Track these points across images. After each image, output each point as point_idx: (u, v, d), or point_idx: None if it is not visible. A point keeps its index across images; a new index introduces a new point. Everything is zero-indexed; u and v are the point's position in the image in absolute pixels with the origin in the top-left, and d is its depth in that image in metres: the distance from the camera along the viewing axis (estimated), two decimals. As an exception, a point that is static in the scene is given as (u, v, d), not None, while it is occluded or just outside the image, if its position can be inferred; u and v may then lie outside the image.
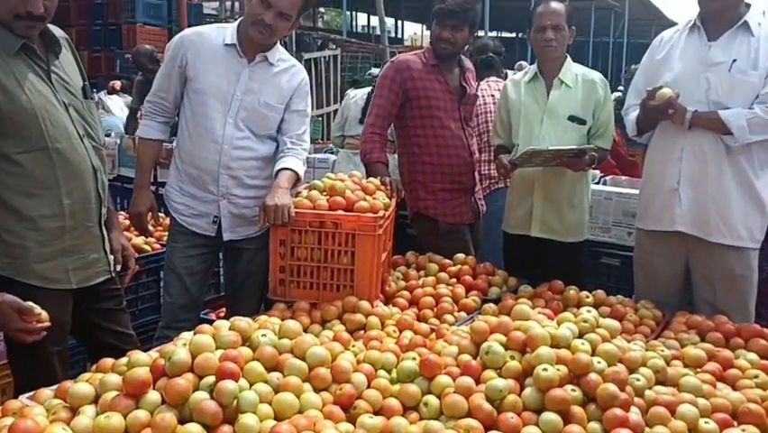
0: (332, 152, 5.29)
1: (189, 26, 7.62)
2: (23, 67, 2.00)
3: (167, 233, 2.94)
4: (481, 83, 4.15)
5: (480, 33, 20.44)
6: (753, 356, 2.19)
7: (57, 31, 2.17)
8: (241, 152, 2.67)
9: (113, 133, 6.17)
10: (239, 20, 2.72)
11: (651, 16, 32.88)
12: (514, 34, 33.23)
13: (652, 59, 2.86)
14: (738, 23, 2.63)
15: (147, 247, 3.50)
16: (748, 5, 2.68)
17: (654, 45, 2.88)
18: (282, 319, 2.17)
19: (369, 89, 4.88)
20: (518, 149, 3.05)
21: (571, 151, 2.88)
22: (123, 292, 2.41)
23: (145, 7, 9.72)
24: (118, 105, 7.90)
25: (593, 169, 3.26)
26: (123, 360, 1.83)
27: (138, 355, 1.81)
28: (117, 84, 8.17)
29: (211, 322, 2.13)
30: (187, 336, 1.96)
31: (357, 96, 5.08)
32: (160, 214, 2.99)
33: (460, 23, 3.09)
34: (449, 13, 3.07)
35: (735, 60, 2.60)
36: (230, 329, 1.92)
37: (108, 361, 1.90)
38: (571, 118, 3.01)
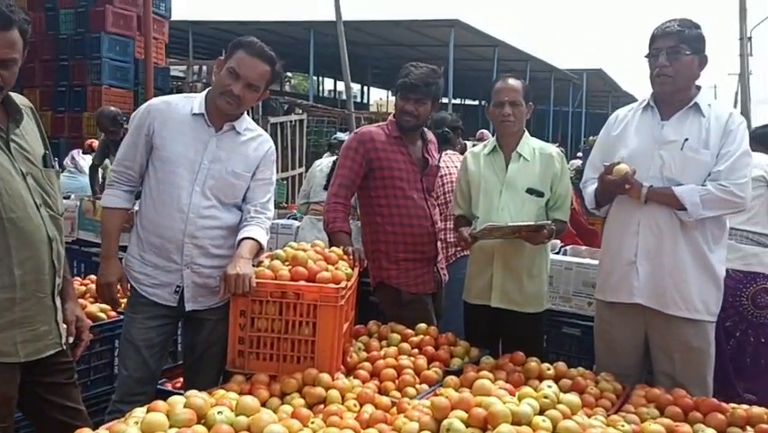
0: (296, 218, 5.30)
1: (155, 89, 7.66)
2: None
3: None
4: (441, 155, 4.25)
5: (444, 100, 21.01)
6: (711, 431, 2.20)
7: (20, 99, 2.15)
8: (206, 221, 2.65)
9: (72, 196, 6.08)
10: (207, 90, 2.75)
11: (608, 88, 34.25)
12: (477, 102, 34.14)
13: (608, 135, 2.96)
14: (689, 104, 2.74)
15: (102, 315, 3.40)
16: (699, 87, 2.80)
17: (610, 122, 2.99)
18: (240, 392, 2.12)
19: (334, 158, 4.95)
20: (478, 221, 3.10)
21: (529, 226, 2.94)
22: (74, 365, 2.33)
23: (111, 70, 9.74)
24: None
25: (553, 239, 3.32)
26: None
27: (87, 434, 1.74)
28: (94, 142, 8.11)
29: (167, 393, 2.07)
30: (139, 412, 1.90)
31: (323, 164, 5.16)
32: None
33: (423, 97, 3.17)
34: (412, 88, 3.15)
35: (686, 139, 2.70)
36: (185, 406, 1.86)
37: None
38: (530, 191, 3.08)
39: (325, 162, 5.12)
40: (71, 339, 2.29)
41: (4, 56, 1.95)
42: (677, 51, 2.67)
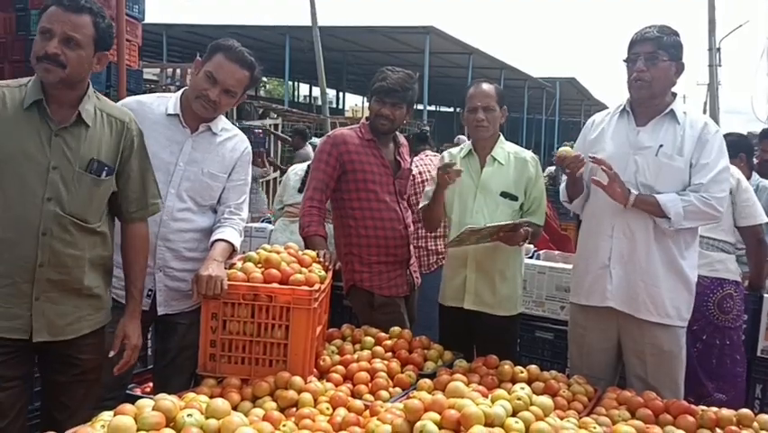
0: (269, 222, 5.26)
1: (128, 92, 7.56)
2: (28, 119, 2.12)
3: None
4: (415, 158, 4.26)
5: (420, 107, 21.09)
6: (681, 433, 2.22)
7: (118, 110, 2.33)
8: (180, 223, 2.61)
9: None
10: (182, 90, 2.71)
11: (581, 97, 34.67)
12: (452, 109, 34.33)
13: (585, 139, 2.98)
14: (665, 110, 2.77)
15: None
16: (674, 95, 2.83)
17: (587, 126, 3.02)
18: (211, 396, 2.09)
19: (309, 163, 4.94)
20: (452, 223, 3.11)
21: (507, 225, 2.94)
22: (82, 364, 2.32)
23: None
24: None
25: (528, 244, 3.34)
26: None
27: (52, 439, 1.69)
28: None
29: (137, 398, 2.03)
30: (106, 415, 1.86)
31: (297, 168, 5.14)
32: None
33: (399, 102, 3.17)
34: (389, 92, 3.15)
35: (661, 146, 2.73)
36: (154, 409, 1.83)
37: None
38: (504, 194, 3.09)
39: (300, 166, 5.11)
40: (112, 354, 2.34)
41: (67, 31, 2.08)
42: (655, 57, 2.70)
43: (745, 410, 2.39)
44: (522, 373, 2.67)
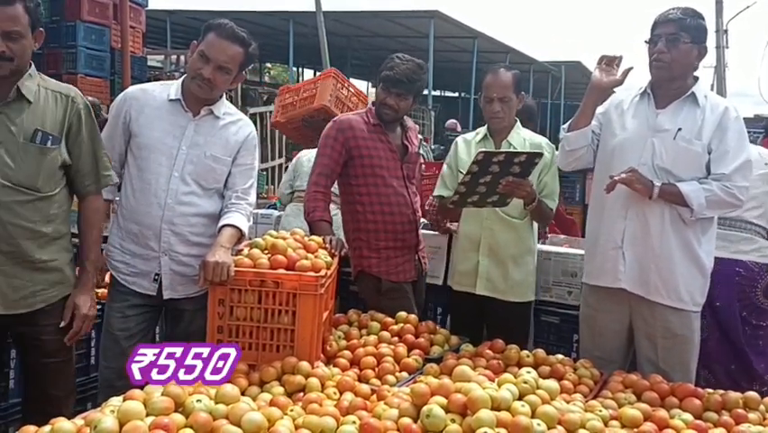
0: (275, 208, 5.25)
1: (132, 78, 7.55)
2: None
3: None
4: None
5: (425, 92, 20.97)
6: (687, 416, 2.23)
7: (63, 87, 2.40)
8: (185, 207, 2.63)
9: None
10: (184, 75, 2.73)
11: (586, 80, 34.25)
12: (457, 94, 34.17)
13: (608, 108, 2.90)
14: (686, 93, 2.74)
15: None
16: (696, 78, 2.79)
17: (612, 102, 2.93)
18: (219, 382, 2.10)
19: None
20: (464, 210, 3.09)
21: (523, 154, 2.80)
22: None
23: (87, 59, 9.56)
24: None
25: (539, 226, 3.31)
26: (46, 428, 1.74)
27: (61, 424, 1.72)
28: None
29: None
30: (116, 401, 1.88)
31: (310, 153, 5.09)
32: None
33: (405, 93, 3.15)
34: (396, 82, 3.12)
35: (680, 129, 2.70)
36: (163, 394, 1.84)
37: (30, 429, 1.79)
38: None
39: (313, 152, 5.04)
40: (63, 324, 2.40)
41: (6, 28, 2.16)
42: (676, 39, 2.66)
43: (752, 393, 2.39)
44: (528, 357, 2.68)
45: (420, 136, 4.57)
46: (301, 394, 2.23)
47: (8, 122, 2.26)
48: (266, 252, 2.55)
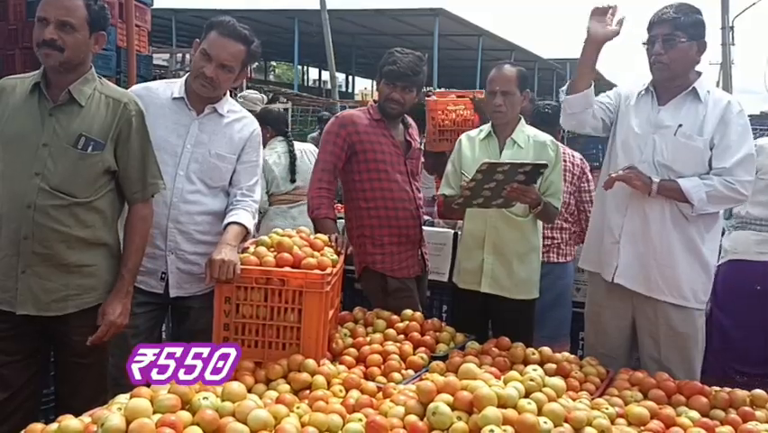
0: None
1: (138, 77, 7.56)
2: (29, 100, 2.27)
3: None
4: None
5: (429, 89, 20.96)
6: (694, 414, 2.22)
7: (119, 92, 2.41)
8: (190, 206, 2.64)
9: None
10: (187, 74, 2.73)
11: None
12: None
13: (621, 98, 2.90)
14: (687, 89, 2.73)
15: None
16: (699, 73, 2.78)
17: (622, 94, 2.93)
18: (225, 379, 2.10)
19: (288, 149, 4.83)
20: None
21: (527, 165, 2.79)
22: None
23: (93, 57, 9.64)
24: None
25: (546, 223, 3.30)
26: (53, 426, 1.74)
27: (68, 421, 1.72)
28: None
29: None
30: (123, 398, 1.88)
31: (278, 150, 4.90)
32: None
33: (410, 85, 3.15)
34: (400, 75, 3.12)
35: (680, 125, 2.70)
36: (169, 392, 1.85)
37: (38, 426, 1.80)
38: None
39: (268, 152, 4.72)
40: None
41: (60, 17, 2.18)
42: (672, 39, 2.66)
43: (759, 391, 2.39)
44: (534, 354, 2.68)
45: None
46: (307, 392, 2.23)
47: (56, 125, 2.26)
48: (272, 249, 2.55)
